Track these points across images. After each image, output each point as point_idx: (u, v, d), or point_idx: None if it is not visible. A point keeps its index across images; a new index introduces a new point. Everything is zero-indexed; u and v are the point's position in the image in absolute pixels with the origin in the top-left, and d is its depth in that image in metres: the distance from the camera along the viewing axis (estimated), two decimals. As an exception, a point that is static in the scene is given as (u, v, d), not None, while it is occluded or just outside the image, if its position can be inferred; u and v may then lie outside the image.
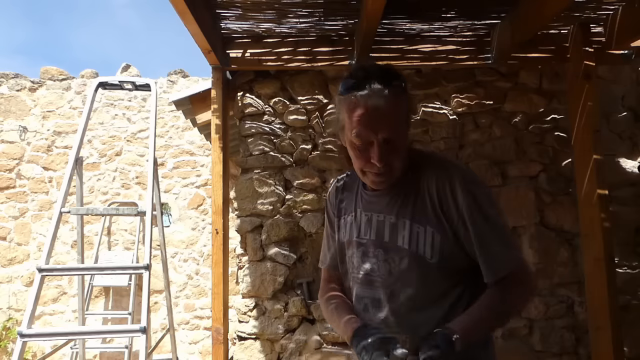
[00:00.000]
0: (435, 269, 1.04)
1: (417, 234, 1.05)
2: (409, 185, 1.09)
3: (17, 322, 4.98)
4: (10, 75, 5.33)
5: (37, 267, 2.21)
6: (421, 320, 1.05)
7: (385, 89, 1.00)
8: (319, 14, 2.31)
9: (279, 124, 2.73)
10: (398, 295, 1.07)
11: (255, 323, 2.63)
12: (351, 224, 1.18)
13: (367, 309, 1.13)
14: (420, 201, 1.07)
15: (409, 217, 1.07)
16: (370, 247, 1.12)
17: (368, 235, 1.13)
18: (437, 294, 1.06)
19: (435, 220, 1.04)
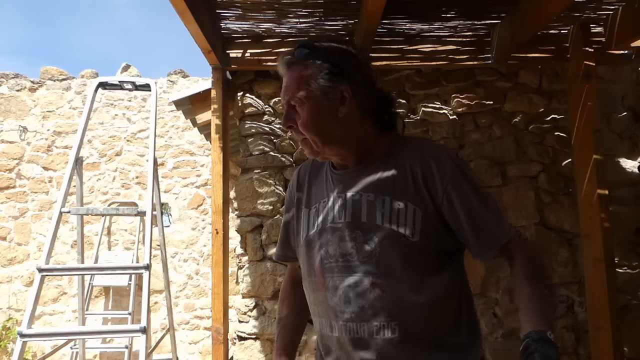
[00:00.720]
0: (417, 249, 0.99)
1: (398, 211, 0.99)
2: (387, 162, 1.05)
3: (17, 322, 4.98)
4: (10, 75, 5.33)
5: (37, 267, 2.21)
6: (412, 303, 0.99)
7: (288, 58, 1.05)
8: (319, 14, 2.31)
9: (279, 124, 2.73)
10: (383, 279, 1.00)
11: (255, 323, 2.63)
12: (323, 210, 1.09)
13: (348, 299, 1.02)
14: (401, 177, 1.02)
15: (389, 194, 1.01)
16: (346, 230, 1.03)
17: (343, 217, 1.05)
18: (423, 276, 1.00)
19: (417, 197, 1.00)
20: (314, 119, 1.02)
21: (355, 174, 1.06)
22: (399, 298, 0.99)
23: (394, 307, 0.98)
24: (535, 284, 0.96)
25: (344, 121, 1.03)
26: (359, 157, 1.07)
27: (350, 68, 1.04)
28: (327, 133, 1.03)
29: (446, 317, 1.02)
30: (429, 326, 1.00)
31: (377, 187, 1.03)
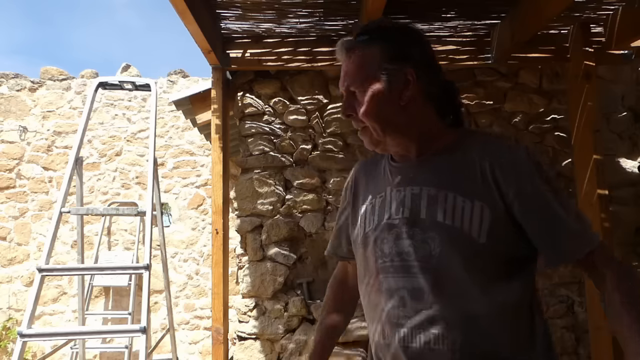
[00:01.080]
0: (483, 252, 0.87)
1: (463, 207, 0.88)
2: (453, 155, 0.94)
3: (17, 322, 4.98)
4: (10, 75, 5.33)
5: (37, 267, 2.21)
6: (476, 313, 0.87)
7: (348, 42, 0.99)
8: (319, 14, 2.31)
9: (279, 124, 2.73)
10: (443, 283, 0.89)
11: (255, 323, 2.63)
12: (380, 205, 1.00)
13: (404, 303, 0.91)
14: (468, 172, 0.91)
15: (454, 189, 0.91)
16: (403, 227, 0.94)
17: (401, 213, 0.95)
18: (489, 283, 0.88)
19: (485, 194, 0.88)
20: (375, 106, 0.94)
21: (416, 166, 0.97)
22: (461, 306, 0.88)
23: (454, 315, 0.88)
24: (636, 310, 0.82)
25: (407, 108, 0.95)
26: (421, 148, 0.97)
27: (414, 50, 0.98)
28: (389, 121, 0.95)
29: (515, 332, 0.89)
30: (495, 341, 0.87)
31: (440, 181, 0.93)
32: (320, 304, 2.61)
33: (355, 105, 0.97)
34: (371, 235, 1.00)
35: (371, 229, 1.00)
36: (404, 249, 0.93)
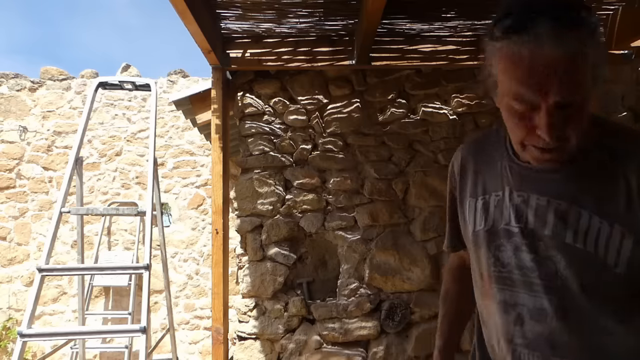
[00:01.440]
0: (620, 283, 0.76)
1: (599, 230, 0.75)
2: (592, 164, 0.78)
3: (17, 322, 4.99)
4: (10, 75, 5.33)
5: (37, 267, 2.21)
6: (607, 348, 0.78)
7: (562, 28, 0.67)
8: (319, 14, 2.31)
9: (279, 124, 2.73)
10: (570, 307, 0.79)
11: (255, 323, 2.63)
12: (495, 206, 0.88)
13: (522, 321, 0.83)
14: (609, 185, 0.76)
15: (590, 207, 0.77)
16: (523, 238, 0.83)
17: (522, 222, 0.83)
18: (625, 317, 0.78)
19: (628, 217, 0.74)
20: (586, 122, 0.76)
21: (544, 171, 0.82)
22: (590, 338, 0.79)
23: (581, 345, 0.79)
24: None
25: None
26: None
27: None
28: (584, 133, 0.77)
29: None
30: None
31: (573, 194, 0.79)
32: (320, 304, 2.61)
33: (565, 122, 0.73)
34: (483, 236, 0.90)
35: (483, 229, 0.91)
36: (525, 263, 0.83)
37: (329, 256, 2.75)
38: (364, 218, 2.65)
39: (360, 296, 2.63)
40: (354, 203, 2.67)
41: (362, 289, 2.64)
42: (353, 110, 2.71)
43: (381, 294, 2.66)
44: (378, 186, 2.67)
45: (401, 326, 2.61)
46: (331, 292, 2.69)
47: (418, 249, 2.67)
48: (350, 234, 2.67)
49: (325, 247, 2.73)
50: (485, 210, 0.91)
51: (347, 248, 2.66)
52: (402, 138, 2.71)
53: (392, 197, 2.68)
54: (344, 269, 2.66)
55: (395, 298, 2.65)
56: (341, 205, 2.67)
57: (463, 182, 0.99)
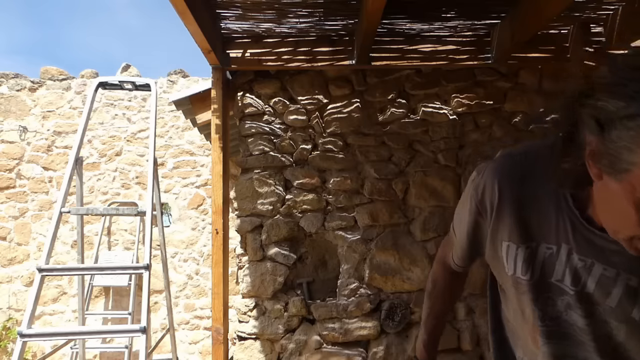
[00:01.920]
0: None
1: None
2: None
3: (17, 322, 4.99)
4: (10, 75, 5.33)
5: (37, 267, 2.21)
6: None
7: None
8: (319, 14, 2.31)
9: (279, 124, 2.73)
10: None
11: (255, 323, 2.63)
12: (545, 259, 0.82)
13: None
14: None
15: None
16: (579, 302, 0.80)
17: (579, 286, 0.79)
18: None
19: None
20: None
21: (614, 241, 0.73)
22: None
23: None
24: None
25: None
26: None
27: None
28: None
29: None
30: None
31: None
32: (320, 304, 2.61)
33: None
34: (526, 285, 0.85)
35: (527, 279, 0.84)
36: (577, 324, 0.81)
37: (329, 256, 2.75)
38: (364, 218, 2.65)
39: (360, 296, 2.63)
40: (354, 203, 2.67)
41: (362, 289, 2.64)
42: (353, 110, 2.71)
43: (381, 294, 2.66)
44: (378, 186, 2.67)
45: (401, 326, 2.61)
46: (331, 292, 2.69)
47: (418, 249, 2.67)
48: (350, 234, 2.67)
49: (325, 247, 2.73)
50: (530, 260, 0.84)
51: (347, 248, 2.66)
52: (402, 138, 2.71)
53: (392, 197, 2.68)
54: (344, 269, 2.66)
55: (395, 298, 2.65)
56: (341, 205, 2.67)
57: (499, 219, 0.87)
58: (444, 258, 1.11)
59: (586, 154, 0.66)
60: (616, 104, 0.61)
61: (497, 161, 0.89)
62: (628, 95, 0.59)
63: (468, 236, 0.96)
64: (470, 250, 0.98)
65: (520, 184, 0.84)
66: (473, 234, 0.94)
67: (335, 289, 2.68)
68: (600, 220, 0.74)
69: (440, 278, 1.13)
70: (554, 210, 0.80)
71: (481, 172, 0.91)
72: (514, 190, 0.84)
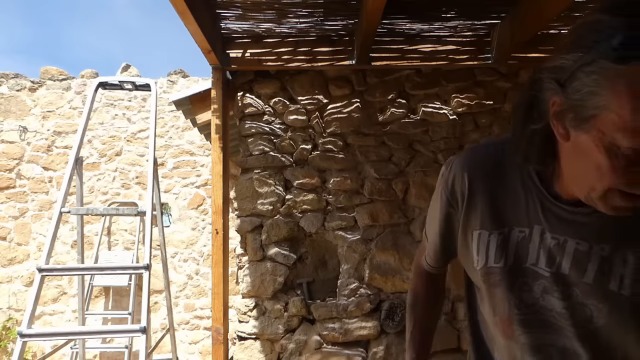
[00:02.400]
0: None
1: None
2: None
3: (17, 322, 4.99)
4: (10, 75, 5.33)
5: (37, 267, 2.21)
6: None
7: None
8: (319, 14, 2.31)
9: (279, 124, 2.73)
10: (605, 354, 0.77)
11: (255, 323, 2.63)
12: (519, 243, 0.81)
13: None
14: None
15: (637, 249, 0.72)
16: (556, 284, 0.78)
17: (554, 268, 0.78)
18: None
19: None
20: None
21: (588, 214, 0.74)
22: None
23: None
24: None
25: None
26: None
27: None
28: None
29: None
30: None
31: (620, 236, 0.73)
32: (320, 304, 2.61)
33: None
34: (500, 274, 0.83)
35: (500, 267, 0.82)
36: (555, 308, 0.79)
37: (329, 256, 2.75)
38: (364, 218, 2.65)
39: (360, 296, 2.63)
40: (354, 203, 2.67)
41: (362, 289, 2.64)
42: (353, 110, 2.71)
43: (381, 294, 2.66)
44: (378, 186, 2.67)
45: (401, 326, 2.61)
46: (331, 292, 2.69)
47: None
48: (350, 234, 2.67)
49: (325, 247, 2.73)
50: (503, 246, 0.82)
51: (347, 248, 2.66)
52: (402, 138, 2.71)
53: (392, 197, 2.68)
54: (344, 269, 2.66)
55: (395, 298, 2.65)
56: (341, 205, 2.67)
57: (470, 209, 0.86)
58: (420, 268, 1.08)
59: (550, 116, 0.66)
60: (574, 57, 0.61)
61: (465, 153, 0.92)
62: (585, 46, 0.60)
63: (440, 232, 0.94)
64: (443, 247, 0.96)
65: (489, 171, 0.84)
66: (445, 229, 0.93)
67: (335, 289, 2.68)
68: (569, 193, 0.74)
69: (420, 287, 1.09)
70: (522, 193, 0.80)
71: (449, 165, 0.91)
72: (484, 179, 0.85)
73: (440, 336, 2.63)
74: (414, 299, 1.10)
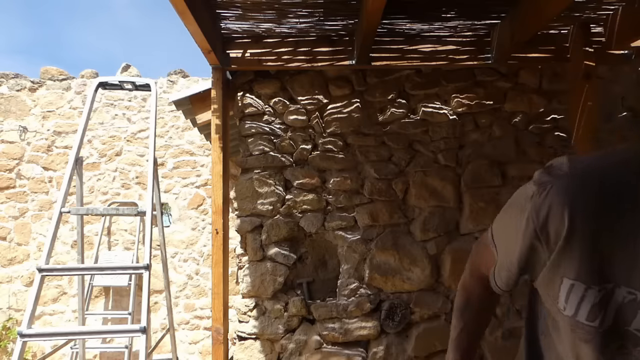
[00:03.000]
0: None
1: None
2: None
3: (17, 322, 4.99)
4: (10, 75, 5.33)
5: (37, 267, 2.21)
6: None
7: None
8: (319, 14, 2.31)
9: (279, 124, 2.73)
10: None
11: (255, 323, 2.63)
12: (624, 304, 0.66)
13: None
14: None
15: None
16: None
17: None
18: None
19: None
20: None
21: None
22: None
23: None
24: None
25: None
26: None
27: None
28: None
29: None
30: None
31: None
32: (320, 304, 2.61)
33: None
34: (592, 333, 0.69)
35: (595, 326, 0.68)
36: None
37: (329, 256, 2.75)
38: (364, 218, 2.65)
39: (360, 296, 2.63)
40: (354, 203, 2.67)
41: (362, 289, 2.64)
42: (353, 110, 2.71)
43: (381, 294, 2.66)
44: (378, 186, 2.67)
45: (401, 326, 2.61)
46: (331, 292, 2.69)
47: (418, 249, 2.67)
48: (350, 234, 2.67)
49: (325, 247, 2.73)
50: (602, 305, 0.67)
51: (347, 248, 2.66)
52: (402, 138, 2.71)
53: (392, 197, 2.68)
54: (344, 269, 2.66)
55: (395, 298, 2.65)
56: (341, 205, 2.67)
57: (565, 253, 0.69)
58: (479, 272, 0.96)
59: None
60: None
61: (568, 178, 0.69)
62: None
63: (519, 263, 0.79)
64: (519, 276, 0.82)
65: (598, 209, 0.66)
66: (525, 261, 0.77)
67: (335, 289, 2.68)
68: None
69: (475, 295, 0.99)
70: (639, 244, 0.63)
71: (545, 191, 0.70)
72: (589, 219, 0.66)
73: (441, 336, 2.63)
74: (465, 301, 1.01)
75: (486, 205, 2.67)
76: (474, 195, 2.68)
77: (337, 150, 2.69)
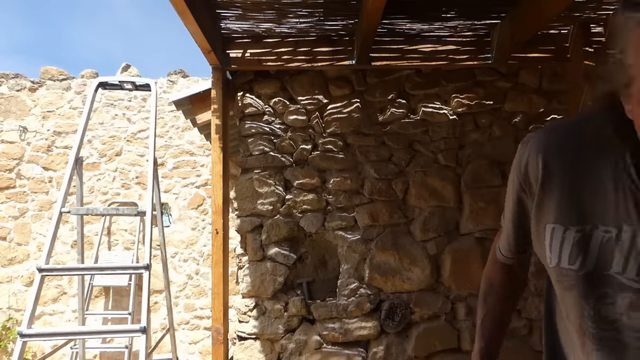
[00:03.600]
0: None
1: None
2: None
3: (17, 322, 4.99)
4: (10, 75, 5.33)
5: (37, 267, 2.21)
6: None
7: None
8: (319, 14, 2.31)
9: (279, 124, 2.73)
10: None
11: (255, 323, 2.63)
12: (601, 245, 0.67)
13: None
14: None
15: None
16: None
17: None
18: None
19: None
20: None
21: None
22: None
23: None
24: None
25: None
26: None
27: None
28: None
29: None
30: None
31: None
32: (320, 304, 2.61)
33: None
34: (573, 277, 0.70)
35: (575, 269, 0.70)
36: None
37: (329, 256, 2.75)
38: (364, 218, 2.65)
39: (360, 296, 2.63)
40: (354, 203, 2.67)
41: (362, 289, 2.64)
42: (353, 110, 2.71)
43: (381, 294, 2.66)
44: (378, 186, 2.67)
45: (401, 326, 2.61)
46: (331, 292, 2.69)
47: (418, 249, 2.66)
48: (350, 234, 2.67)
49: (325, 247, 2.73)
50: (582, 246, 0.68)
51: (347, 248, 2.66)
52: (402, 138, 2.71)
53: (392, 197, 2.68)
54: (344, 269, 2.66)
55: (395, 298, 2.65)
56: (341, 205, 2.67)
57: (543, 197, 0.73)
58: (494, 254, 0.98)
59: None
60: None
61: (544, 130, 0.77)
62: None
63: (513, 219, 0.83)
64: (516, 236, 0.85)
65: (572, 155, 0.71)
66: (518, 216, 0.82)
67: (335, 289, 2.68)
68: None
69: (494, 276, 0.98)
70: (612, 185, 0.66)
71: (525, 144, 0.77)
72: (563, 163, 0.71)
73: (441, 336, 2.63)
74: (487, 287, 0.99)
75: (486, 205, 2.67)
76: (474, 195, 2.68)
77: (337, 150, 2.69)
